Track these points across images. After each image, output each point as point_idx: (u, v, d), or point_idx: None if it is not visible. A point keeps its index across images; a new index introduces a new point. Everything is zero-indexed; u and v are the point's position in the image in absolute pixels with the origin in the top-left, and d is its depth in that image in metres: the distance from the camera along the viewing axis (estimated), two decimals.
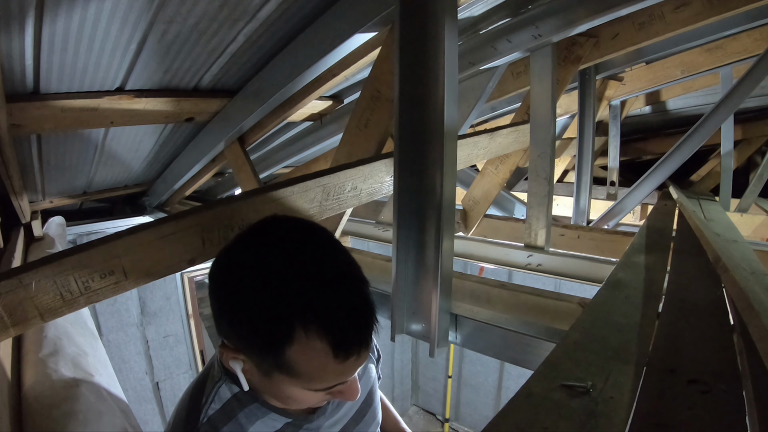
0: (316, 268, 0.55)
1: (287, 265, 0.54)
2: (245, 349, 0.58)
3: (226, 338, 0.59)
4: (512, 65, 1.75)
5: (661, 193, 1.96)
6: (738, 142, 2.71)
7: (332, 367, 0.55)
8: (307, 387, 0.58)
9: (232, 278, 0.57)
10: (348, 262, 0.59)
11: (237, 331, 0.56)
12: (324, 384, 0.58)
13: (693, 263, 0.95)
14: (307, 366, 0.55)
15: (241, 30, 1.12)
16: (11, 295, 0.61)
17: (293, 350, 0.53)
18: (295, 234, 0.59)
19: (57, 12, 0.90)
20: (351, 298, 0.56)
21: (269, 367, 0.57)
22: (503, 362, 4.50)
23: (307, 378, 0.57)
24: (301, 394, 0.60)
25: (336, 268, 0.57)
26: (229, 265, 0.58)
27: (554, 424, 0.39)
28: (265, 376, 0.60)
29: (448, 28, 0.80)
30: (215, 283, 0.59)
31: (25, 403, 0.72)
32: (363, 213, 2.14)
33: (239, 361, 0.59)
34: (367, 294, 0.57)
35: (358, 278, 0.58)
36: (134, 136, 1.68)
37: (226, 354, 0.60)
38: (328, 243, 0.60)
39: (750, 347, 0.53)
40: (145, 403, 3.46)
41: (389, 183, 1.03)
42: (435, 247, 0.87)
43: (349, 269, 0.58)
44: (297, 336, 0.53)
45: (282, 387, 0.60)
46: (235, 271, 0.57)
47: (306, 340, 0.53)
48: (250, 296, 0.54)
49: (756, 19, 1.48)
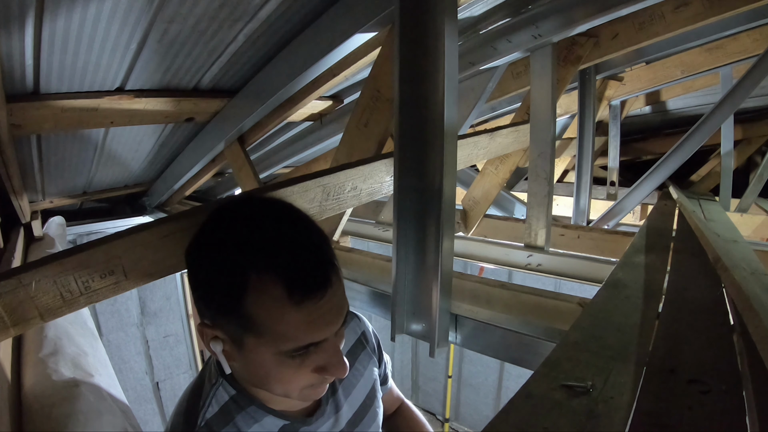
0: (272, 223, 0.58)
1: (244, 224, 0.58)
2: (214, 316, 0.58)
3: (201, 314, 0.60)
4: (512, 65, 1.75)
5: (661, 193, 1.96)
6: (738, 142, 2.71)
7: (293, 316, 0.54)
8: (278, 349, 0.56)
9: (198, 250, 0.60)
10: (303, 218, 0.62)
11: (202, 295, 0.58)
12: (293, 342, 0.56)
13: (693, 263, 0.95)
14: (267, 316, 0.54)
15: (241, 30, 1.12)
16: (11, 295, 0.61)
17: (250, 299, 0.54)
18: (258, 204, 0.62)
19: (57, 12, 0.90)
20: (303, 241, 0.57)
21: (236, 329, 0.57)
22: (503, 362, 4.50)
23: (272, 334, 0.55)
24: (280, 367, 0.58)
25: (291, 224, 0.59)
26: (197, 240, 0.61)
27: (554, 424, 0.39)
28: (240, 350, 0.58)
29: (448, 28, 0.80)
30: (187, 261, 0.62)
31: (25, 403, 0.72)
32: (363, 213, 2.14)
33: (218, 342, 0.59)
34: (321, 243, 0.59)
35: (313, 229, 0.60)
36: (134, 136, 1.68)
37: (205, 333, 0.60)
38: (287, 208, 0.63)
39: (750, 347, 0.53)
40: (145, 403, 3.46)
41: (389, 183, 1.03)
42: (435, 247, 0.87)
43: (305, 224, 0.61)
44: (251, 283, 0.53)
45: (257, 359, 0.58)
46: (200, 242, 0.60)
47: (260, 285, 0.53)
48: (209, 257, 0.58)
49: (756, 19, 1.48)
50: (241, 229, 0.57)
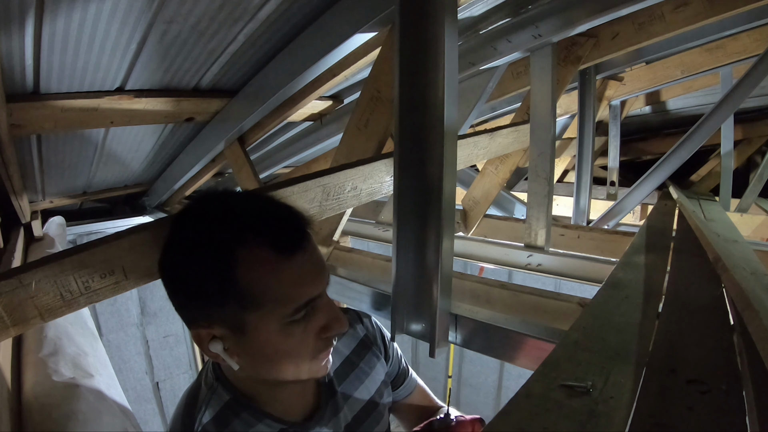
0: (240, 201, 0.61)
1: (213, 211, 0.58)
2: (207, 312, 0.57)
3: (193, 319, 0.59)
4: (512, 65, 1.75)
5: (661, 193, 1.96)
6: (738, 142, 2.71)
7: (286, 273, 0.56)
8: (277, 314, 0.56)
9: (173, 253, 0.59)
10: (262, 193, 0.67)
11: (191, 294, 0.57)
12: (293, 301, 0.57)
13: (693, 263, 0.95)
14: (262, 281, 0.55)
15: (241, 30, 1.12)
16: (11, 295, 0.61)
17: (242, 272, 0.54)
18: (218, 194, 0.63)
19: (57, 12, 0.90)
20: (273, 206, 0.61)
21: (234, 313, 0.56)
22: (503, 362, 4.50)
23: (271, 299, 0.56)
24: (282, 336, 0.58)
25: (256, 197, 0.65)
26: (169, 247, 0.60)
27: (554, 424, 0.39)
28: (243, 337, 0.57)
29: (448, 28, 0.80)
30: (165, 268, 0.60)
31: (25, 403, 0.72)
32: (363, 213, 2.14)
33: (217, 341, 0.58)
34: (288, 205, 0.62)
35: (276, 199, 0.64)
36: (134, 136, 1.68)
37: (202, 336, 0.58)
38: (245, 191, 0.68)
39: (750, 347, 0.53)
40: (145, 403, 3.46)
41: (389, 183, 1.03)
42: (435, 247, 0.87)
43: (267, 196, 0.65)
44: (239, 255, 0.54)
45: (262, 338, 0.57)
46: (173, 246, 0.59)
47: (248, 254, 0.55)
48: (188, 252, 0.57)
49: (756, 19, 1.48)
50: (211, 214, 0.58)
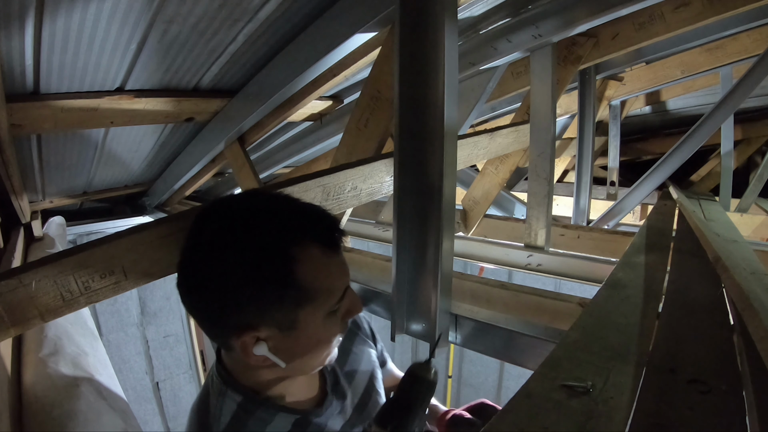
0: (276, 202, 0.64)
1: (252, 213, 0.60)
2: (258, 314, 0.58)
3: (237, 327, 0.58)
4: (512, 65, 1.75)
5: (661, 193, 1.95)
6: (738, 142, 2.71)
7: (332, 268, 0.61)
8: (326, 306, 0.61)
9: (217, 261, 0.58)
10: (286, 195, 0.68)
11: (239, 300, 0.57)
12: (336, 293, 0.62)
13: (693, 263, 0.95)
14: (317, 275, 0.59)
15: (241, 30, 1.12)
16: (11, 295, 0.61)
17: (301, 267, 0.58)
18: (248, 196, 0.67)
19: (57, 12, 0.90)
20: (308, 206, 0.64)
21: (291, 309, 0.59)
22: (503, 362, 4.50)
23: (323, 292, 0.60)
24: (325, 326, 0.62)
25: (286, 198, 0.65)
26: (206, 255, 0.59)
27: (554, 424, 0.39)
28: (291, 332, 0.60)
29: (448, 28, 0.80)
30: (200, 282, 0.59)
31: (25, 403, 0.72)
32: (363, 213, 2.14)
33: (262, 343, 0.59)
34: (315, 204, 0.66)
35: (298, 200, 0.66)
36: (134, 136, 1.68)
37: (247, 343, 0.58)
38: (270, 192, 0.69)
39: (750, 347, 0.53)
40: (145, 403, 3.46)
41: (389, 183, 1.03)
42: (435, 247, 0.87)
43: (291, 197, 0.67)
44: (296, 254, 0.58)
45: (309, 329, 0.61)
46: (215, 253, 0.58)
47: (303, 253, 0.58)
48: (239, 257, 0.57)
49: (756, 19, 1.48)
50: (252, 218, 0.59)
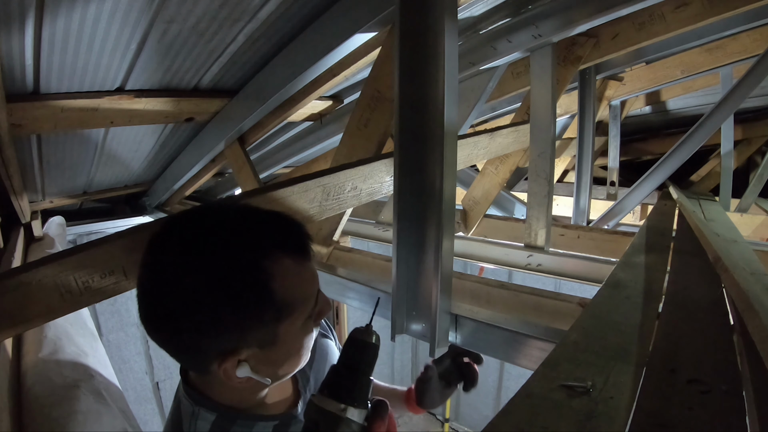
0: (241, 216, 0.59)
1: (220, 239, 0.55)
2: (242, 334, 0.55)
3: (217, 354, 0.55)
4: (512, 65, 1.75)
5: (661, 193, 1.96)
6: (738, 142, 2.71)
7: (304, 276, 0.59)
8: (303, 315, 0.59)
9: (188, 288, 0.53)
10: (248, 205, 0.65)
11: (224, 322, 0.53)
12: (311, 299, 0.60)
13: (693, 263, 0.95)
14: (293, 286, 0.57)
15: (241, 30, 1.12)
16: (11, 295, 0.61)
17: (277, 282, 0.55)
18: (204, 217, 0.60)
19: (57, 12, 0.90)
20: (276, 217, 0.61)
21: (271, 325, 0.56)
22: (503, 362, 4.50)
23: (300, 302, 0.58)
24: (306, 334, 0.61)
25: (253, 210, 0.61)
26: (174, 283, 0.53)
27: (554, 424, 0.39)
28: (272, 347, 0.57)
29: (449, 28, 0.80)
30: (171, 313, 0.53)
31: (25, 403, 0.72)
32: (363, 213, 2.14)
33: (244, 364, 0.56)
34: (284, 212, 0.63)
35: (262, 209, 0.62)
36: (134, 136, 1.68)
37: (228, 367, 0.55)
38: (232, 206, 0.64)
39: (750, 347, 0.53)
40: (145, 403, 3.46)
41: (389, 183, 1.03)
42: (435, 247, 0.87)
43: (253, 207, 0.63)
44: (270, 269, 0.55)
45: (290, 342, 0.59)
46: (185, 279, 0.53)
47: (277, 267, 0.55)
48: (213, 278, 0.53)
49: (756, 19, 1.48)
50: (218, 238, 0.54)
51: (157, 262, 0.56)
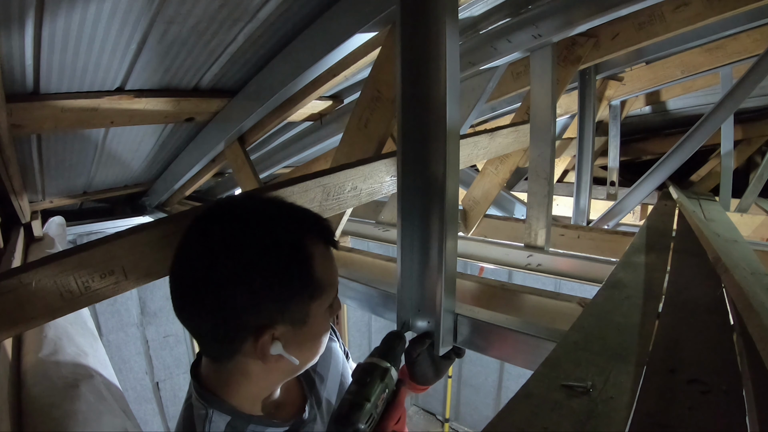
0: (278, 204, 0.66)
1: (265, 217, 0.61)
2: (281, 310, 0.59)
3: (254, 329, 0.58)
4: (512, 65, 1.75)
5: (661, 193, 1.95)
6: (738, 142, 2.71)
7: (333, 263, 0.66)
8: (329, 299, 0.65)
9: (234, 263, 0.56)
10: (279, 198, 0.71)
11: (267, 296, 0.58)
12: (336, 287, 0.67)
13: (693, 263, 0.95)
14: (326, 269, 0.63)
15: (241, 30, 1.12)
16: (11, 295, 0.61)
17: (315, 264, 0.61)
18: (248, 200, 0.68)
19: (57, 12, 0.90)
20: (304, 208, 0.68)
21: (306, 302, 0.61)
22: (503, 362, 4.50)
23: (329, 285, 0.64)
24: (324, 320, 0.65)
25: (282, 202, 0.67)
26: (216, 258, 0.57)
27: (554, 424, 0.39)
28: (302, 326, 0.61)
29: (449, 28, 0.80)
30: (215, 287, 0.56)
31: (25, 403, 0.72)
32: (363, 213, 2.14)
33: (277, 342, 0.60)
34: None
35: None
36: (134, 136, 1.68)
37: (266, 343, 0.58)
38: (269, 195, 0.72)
39: (750, 347, 0.53)
40: (145, 403, 3.46)
41: (389, 183, 1.02)
42: (439, 246, 0.87)
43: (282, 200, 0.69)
44: (310, 248, 0.61)
45: (315, 322, 0.63)
46: (228, 256, 0.57)
47: (315, 249, 0.62)
48: (258, 255, 0.57)
49: (756, 19, 1.48)
50: (263, 217, 0.61)
51: (206, 239, 0.59)
